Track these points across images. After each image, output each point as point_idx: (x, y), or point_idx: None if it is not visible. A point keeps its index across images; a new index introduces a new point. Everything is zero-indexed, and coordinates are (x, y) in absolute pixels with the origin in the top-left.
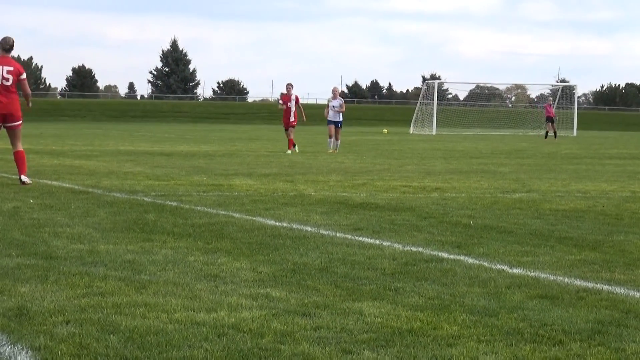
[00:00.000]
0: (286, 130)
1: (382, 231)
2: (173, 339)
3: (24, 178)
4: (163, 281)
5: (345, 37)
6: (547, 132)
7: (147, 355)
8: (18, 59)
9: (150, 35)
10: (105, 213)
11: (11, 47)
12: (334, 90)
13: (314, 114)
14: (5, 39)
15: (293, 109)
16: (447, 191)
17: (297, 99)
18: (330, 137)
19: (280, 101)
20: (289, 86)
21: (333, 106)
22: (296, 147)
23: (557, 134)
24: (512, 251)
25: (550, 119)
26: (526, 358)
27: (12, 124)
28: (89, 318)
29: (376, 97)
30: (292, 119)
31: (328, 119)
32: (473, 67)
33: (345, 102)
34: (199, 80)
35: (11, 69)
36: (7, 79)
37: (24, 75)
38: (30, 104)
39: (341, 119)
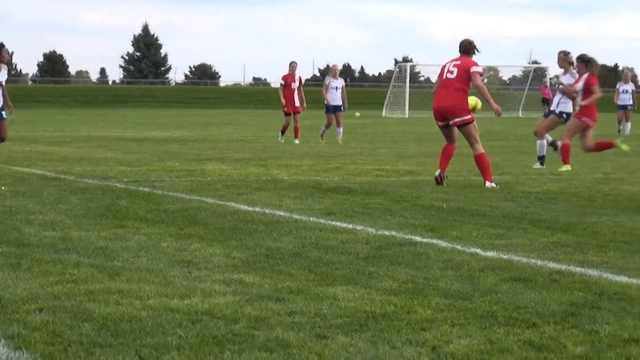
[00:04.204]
0: (287, 115)
1: (356, 215)
2: (147, 325)
3: (487, 184)
4: (136, 268)
5: (317, 21)
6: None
7: (121, 342)
8: None
9: (121, 20)
10: (78, 199)
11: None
12: (334, 69)
13: None
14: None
15: (297, 90)
16: (420, 174)
17: (300, 80)
18: (329, 125)
19: (282, 82)
20: (294, 64)
21: (336, 87)
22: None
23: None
24: (485, 234)
25: (546, 101)
26: (500, 341)
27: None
28: (62, 305)
29: (348, 80)
30: (297, 103)
31: (332, 104)
32: (445, 50)
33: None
34: (170, 65)
35: (458, 62)
36: (452, 72)
37: (473, 69)
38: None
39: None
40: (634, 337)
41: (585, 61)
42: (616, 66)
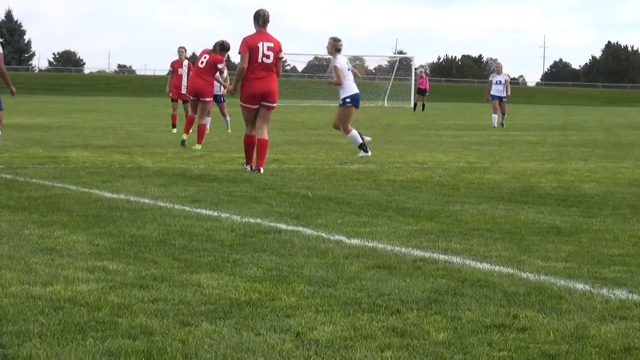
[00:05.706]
0: (174, 101)
1: (221, 203)
2: (8, 313)
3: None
4: None
5: (182, 9)
6: (415, 104)
7: None
8: None
9: None
10: None
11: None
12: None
13: (151, 85)
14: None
15: (185, 76)
16: (285, 162)
17: (189, 66)
18: (224, 115)
19: (170, 68)
20: (182, 50)
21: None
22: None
23: (419, 107)
24: (350, 222)
25: (422, 91)
26: (364, 327)
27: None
28: None
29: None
30: (184, 90)
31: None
32: (311, 39)
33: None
34: (34, 52)
35: (271, 45)
36: (268, 57)
37: (281, 55)
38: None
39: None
40: (496, 323)
41: None
42: (480, 57)
